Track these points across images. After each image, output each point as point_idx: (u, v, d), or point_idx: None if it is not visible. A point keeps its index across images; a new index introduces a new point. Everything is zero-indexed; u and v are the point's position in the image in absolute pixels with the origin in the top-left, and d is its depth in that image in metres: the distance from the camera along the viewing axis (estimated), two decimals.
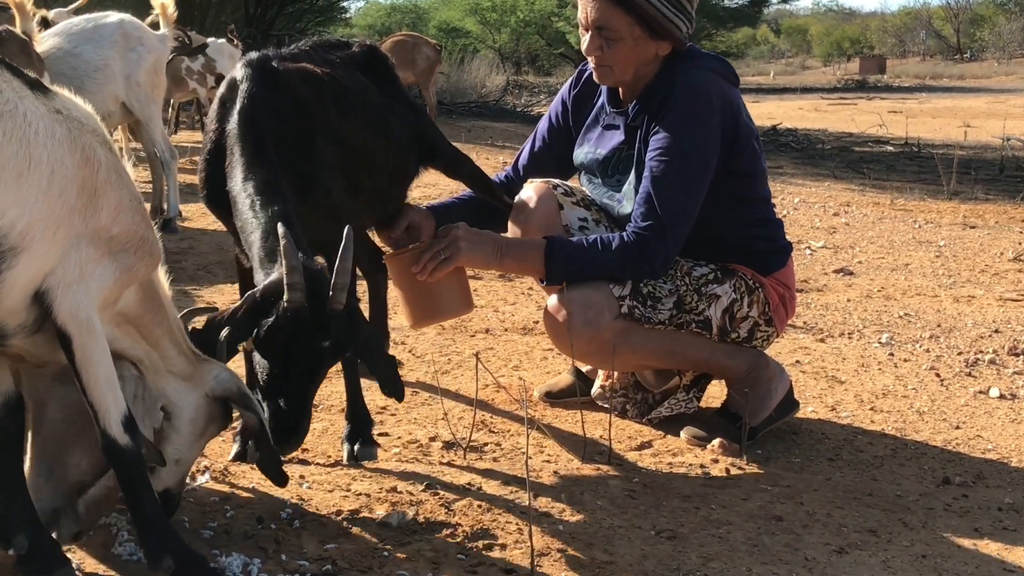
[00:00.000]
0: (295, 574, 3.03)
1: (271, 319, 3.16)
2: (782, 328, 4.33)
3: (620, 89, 4.24)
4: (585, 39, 4.13)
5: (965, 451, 4.24)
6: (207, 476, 3.67)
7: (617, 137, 4.24)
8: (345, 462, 3.89)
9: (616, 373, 4.46)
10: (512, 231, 4.37)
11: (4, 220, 2.56)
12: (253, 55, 3.83)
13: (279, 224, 3.18)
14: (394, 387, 3.48)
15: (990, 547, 3.43)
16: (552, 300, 4.09)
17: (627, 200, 4.13)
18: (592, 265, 3.98)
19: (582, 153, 4.37)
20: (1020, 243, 8.88)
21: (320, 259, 3.41)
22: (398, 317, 4.92)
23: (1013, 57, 59.10)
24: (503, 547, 3.29)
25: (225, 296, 6.00)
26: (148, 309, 3.02)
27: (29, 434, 3.04)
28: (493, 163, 13.43)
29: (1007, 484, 3.94)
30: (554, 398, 4.62)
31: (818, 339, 5.69)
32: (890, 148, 16.97)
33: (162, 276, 3.14)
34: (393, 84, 4.42)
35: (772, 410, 4.22)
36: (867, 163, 14.97)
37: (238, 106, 3.64)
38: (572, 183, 4.39)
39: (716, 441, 4.11)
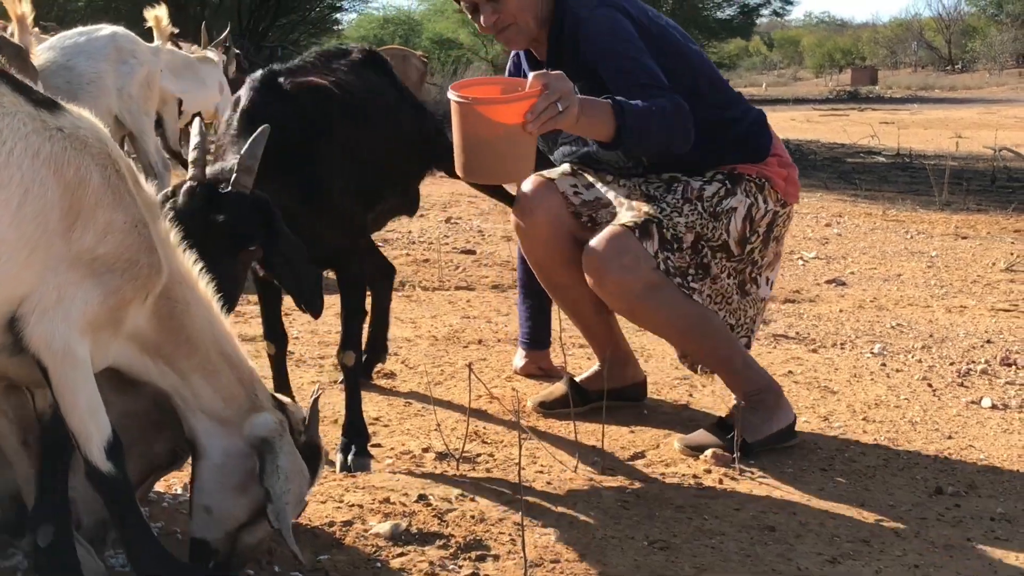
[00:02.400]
0: None
1: (175, 195, 3.35)
2: (794, 200, 4.38)
3: (533, 50, 4.33)
4: (479, 19, 4.18)
5: (957, 461, 4.24)
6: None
7: None
8: (338, 472, 3.88)
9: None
10: (518, 224, 4.46)
11: None
12: (259, 73, 3.83)
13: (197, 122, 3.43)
14: (312, 299, 3.55)
15: (983, 557, 3.44)
16: (595, 241, 4.11)
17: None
18: (653, 117, 3.94)
19: None
20: (1012, 254, 8.90)
21: (331, 273, 3.46)
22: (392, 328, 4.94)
23: (1004, 68, 59.28)
24: (496, 558, 3.29)
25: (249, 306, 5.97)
26: (169, 340, 2.91)
27: None
28: None
29: (999, 494, 3.94)
30: (548, 408, 4.61)
31: (811, 349, 5.69)
32: (882, 159, 16.99)
33: (214, 313, 3.04)
34: (395, 86, 4.45)
35: (769, 434, 4.21)
36: (859, 174, 14.98)
37: (242, 123, 3.66)
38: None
39: (709, 451, 4.11)
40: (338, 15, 29.60)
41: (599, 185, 4.35)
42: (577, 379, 4.66)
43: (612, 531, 3.53)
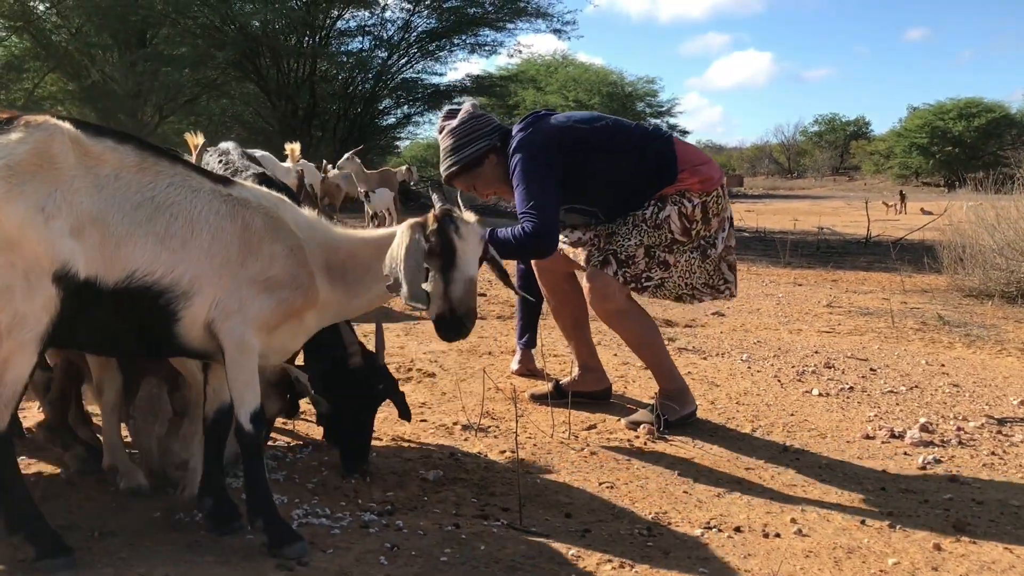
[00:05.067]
0: (367, 512, 3.02)
1: (342, 373, 3.27)
2: (714, 186, 4.09)
3: None
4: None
5: (797, 430, 4.22)
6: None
7: None
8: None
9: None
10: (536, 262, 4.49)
11: (175, 274, 2.51)
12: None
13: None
14: (405, 412, 3.50)
15: (813, 490, 3.42)
16: (586, 281, 4.13)
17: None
18: (505, 247, 3.84)
19: None
20: (830, 295, 8.90)
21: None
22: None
23: (824, 176, 59.53)
24: (500, 495, 3.27)
25: None
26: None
27: None
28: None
29: (824, 450, 3.93)
30: (538, 399, 4.53)
31: (702, 357, 5.68)
32: (746, 234, 17.01)
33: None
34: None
35: (681, 416, 4.17)
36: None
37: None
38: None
39: (643, 426, 4.10)
40: (397, 143, 29.64)
41: (578, 233, 4.27)
42: (560, 382, 4.55)
43: (576, 476, 3.51)
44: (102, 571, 2.44)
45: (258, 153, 8.51)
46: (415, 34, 23.65)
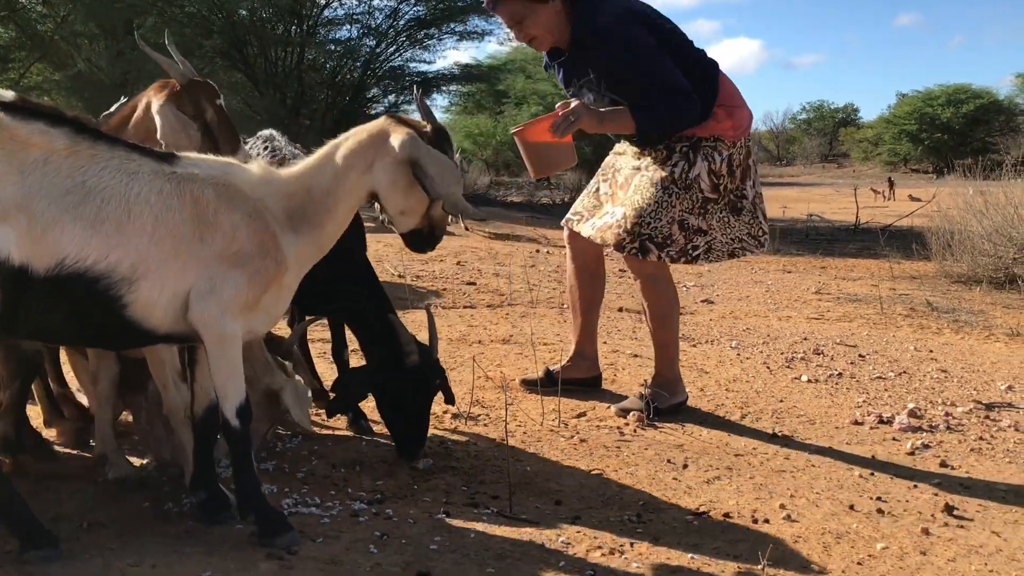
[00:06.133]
0: (357, 501, 3.01)
1: (401, 371, 3.30)
2: (744, 134, 4.05)
3: (561, 47, 4.01)
4: (514, 35, 4.07)
5: (785, 416, 4.24)
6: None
7: (560, 75, 4.11)
8: None
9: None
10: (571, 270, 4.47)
11: (110, 260, 2.39)
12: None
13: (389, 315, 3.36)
14: (451, 397, 3.55)
15: (802, 476, 3.43)
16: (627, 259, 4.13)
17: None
18: (657, 116, 3.83)
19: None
20: (819, 282, 8.92)
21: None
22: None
23: (813, 163, 59.59)
24: (490, 483, 3.27)
25: None
26: None
27: None
28: (481, 232, 13.44)
29: (813, 436, 3.94)
30: (529, 385, 4.50)
31: (691, 345, 5.69)
32: None
33: None
34: None
35: (671, 404, 4.18)
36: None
37: None
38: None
39: (633, 414, 4.10)
40: None
41: (608, 205, 4.19)
42: (551, 369, 4.51)
43: (565, 463, 3.52)
44: (91, 562, 2.43)
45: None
46: (403, 22, 23.56)
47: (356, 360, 3.83)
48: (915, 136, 47.39)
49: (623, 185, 4.15)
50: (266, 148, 3.85)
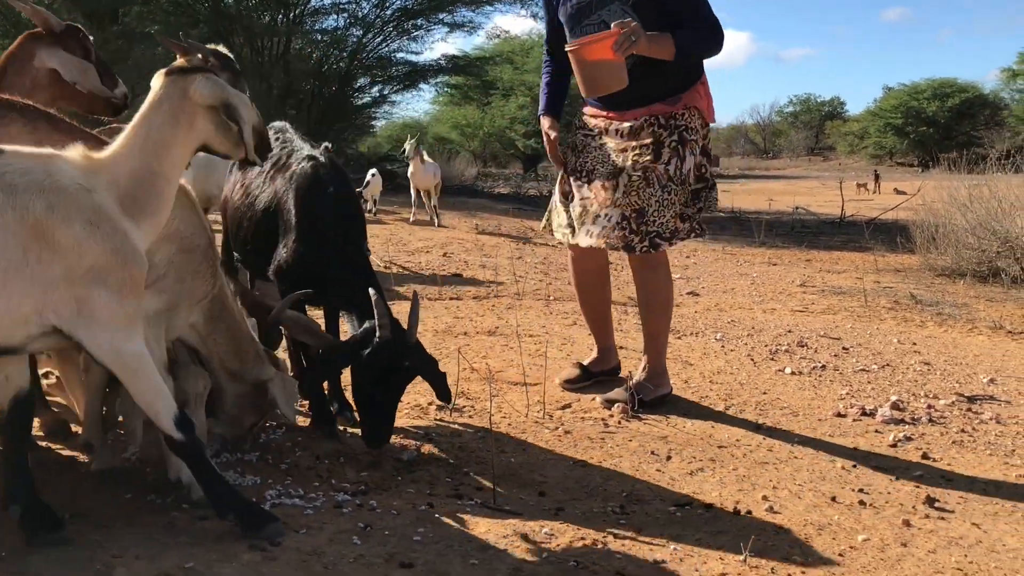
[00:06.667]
0: (340, 492, 3.01)
1: (370, 349, 3.15)
2: (713, 118, 4.14)
3: None
4: None
5: (769, 408, 4.25)
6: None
7: (570, 4, 4.06)
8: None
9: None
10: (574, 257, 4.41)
11: None
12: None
13: (370, 290, 3.19)
14: (444, 393, 3.35)
15: (784, 468, 3.45)
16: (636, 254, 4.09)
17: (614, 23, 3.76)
18: (698, 42, 3.87)
19: (562, 13, 4.11)
20: (804, 275, 8.95)
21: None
22: None
23: (799, 156, 59.81)
24: (475, 474, 3.28)
25: None
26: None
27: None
28: (469, 224, 13.43)
29: (796, 428, 3.96)
30: (571, 383, 4.42)
31: (676, 337, 5.70)
32: (721, 214, 17.06)
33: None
34: None
35: (656, 396, 4.18)
36: (707, 223, 15.05)
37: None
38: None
39: (617, 405, 4.11)
40: (373, 122, 29.44)
41: (601, 222, 4.05)
42: (584, 363, 4.50)
43: (549, 455, 3.53)
44: (74, 553, 2.42)
45: None
46: (390, 11, 23.47)
47: None
48: (901, 129, 47.57)
49: (606, 186, 4.04)
50: (277, 139, 3.78)
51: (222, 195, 3.97)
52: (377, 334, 3.14)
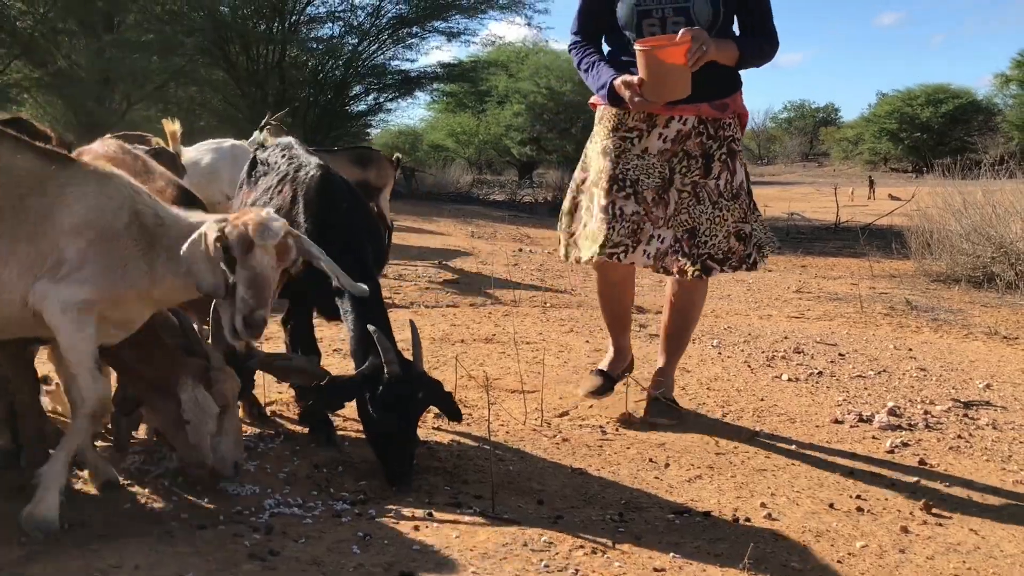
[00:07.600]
0: (340, 501, 3.01)
1: (382, 385, 3.11)
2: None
3: None
4: None
5: (766, 415, 4.26)
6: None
7: None
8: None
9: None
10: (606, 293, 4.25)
11: None
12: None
13: (369, 326, 3.16)
14: (454, 412, 3.36)
15: (782, 475, 3.45)
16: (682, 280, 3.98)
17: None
18: (762, 52, 3.76)
19: (623, 6, 3.83)
20: (799, 281, 8.97)
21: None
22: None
23: (794, 162, 59.91)
24: (473, 482, 3.27)
25: None
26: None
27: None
28: (464, 231, 13.44)
29: (794, 435, 3.96)
30: (598, 393, 4.21)
31: None
32: None
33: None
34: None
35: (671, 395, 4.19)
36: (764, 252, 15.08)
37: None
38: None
39: (617, 412, 4.09)
40: (368, 130, 29.48)
41: (655, 244, 3.87)
42: (603, 368, 4.30)
43: (548, 463, 3.52)
44: (72, 563, 2.42)
45: (227, 143, 8.45)
46: (385, 19, 23.51)
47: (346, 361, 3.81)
48: (895, 135, 47.66)
49: (657, 202, 3.84)
50: (284, 155, 3.74)
51: (225, 202, 3.97)
52: (386, 371, 3.12)
